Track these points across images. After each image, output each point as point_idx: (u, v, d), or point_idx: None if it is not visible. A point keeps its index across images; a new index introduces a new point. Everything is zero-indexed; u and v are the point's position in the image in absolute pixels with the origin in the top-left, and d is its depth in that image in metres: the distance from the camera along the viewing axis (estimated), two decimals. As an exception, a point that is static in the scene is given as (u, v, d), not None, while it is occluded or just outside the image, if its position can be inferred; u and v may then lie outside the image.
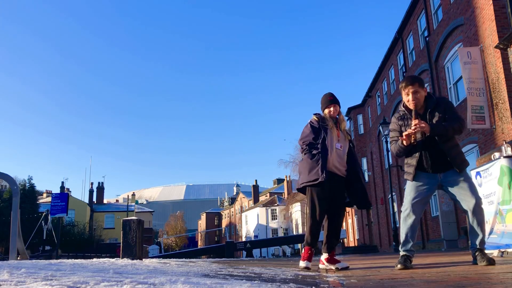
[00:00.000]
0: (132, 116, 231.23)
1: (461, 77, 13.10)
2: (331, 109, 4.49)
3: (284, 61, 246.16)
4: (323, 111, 4.57)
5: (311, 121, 4.55)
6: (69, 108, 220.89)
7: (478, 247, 3.64)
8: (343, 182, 4.40)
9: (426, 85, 17.46)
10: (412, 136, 3.68)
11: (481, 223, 3.66)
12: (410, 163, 3.84)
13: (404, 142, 3.73)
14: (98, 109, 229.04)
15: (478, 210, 3.62)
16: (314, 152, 4.33)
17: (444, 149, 3.68)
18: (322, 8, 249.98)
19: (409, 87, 3.77)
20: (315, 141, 4.39)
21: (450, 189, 3.74)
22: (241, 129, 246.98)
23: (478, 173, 5.84)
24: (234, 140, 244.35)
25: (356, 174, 4.40)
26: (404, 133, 3.72)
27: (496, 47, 10.91)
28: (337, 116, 4.55)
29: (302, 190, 4.49)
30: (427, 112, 3.77)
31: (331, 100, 4.52)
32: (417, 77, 3.92)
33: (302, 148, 4.50)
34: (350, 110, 30.66)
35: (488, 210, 5.54)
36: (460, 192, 3.67)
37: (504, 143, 5.58)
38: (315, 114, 4.59)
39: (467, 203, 3.64)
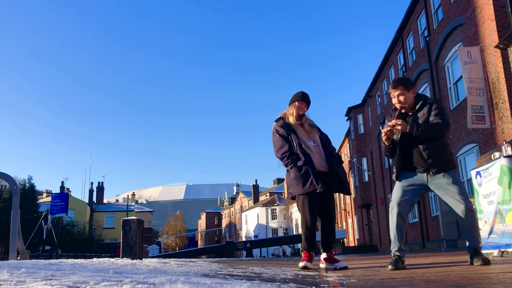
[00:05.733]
0: (132, 116, 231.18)
1: (461, 77, 13.10)
2: (302, 105, 4.48)
3: (284, 61, 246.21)
4: (291, 104, 4.54)
5: (276, 130, 4.45)
6: (70, 108, 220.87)
7: (473, 247, 3.63)
8: (327, 176, 4.33)
9: (425, 85, 17.48)
10: (389, 135, 3.67)
11: (472, 226, 3.63)
12: (395, 162, 3.83)
13: (385, 142, 3.74)
14: (98, 108, 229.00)
15: (467, 214, 3.56)
16: (300, 163, 4.24)
17: (422, 149, 3.61)
18: (322, 8, 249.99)
19: (393, 90, 3.78)
20: (292, 149, 4.32)
21: (438, 192, 3.69)
22: (241, 128, 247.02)
23: (478, 173, 5.84)
24: (234, 139, 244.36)
25: (331, 166, 4.34)
26: (383, 131, 3.71)
27: (496, 46, 10.91)
28: (303, 117, 4.51)
29: (294, 197, 4.45)
30: (414, 112, 3.74)
31: (304, 97, 4.51)
32: (402, 80, 3.86)
33: (284, 162, 4.37)
34: (350, 110, 30.63)
35: (488, 210, 5.55)
36: (448, 196, 3.61)
37: (504, 142, 5.57)
38: (276, 121, 4.52)
39: (456, 208, 3.59)
